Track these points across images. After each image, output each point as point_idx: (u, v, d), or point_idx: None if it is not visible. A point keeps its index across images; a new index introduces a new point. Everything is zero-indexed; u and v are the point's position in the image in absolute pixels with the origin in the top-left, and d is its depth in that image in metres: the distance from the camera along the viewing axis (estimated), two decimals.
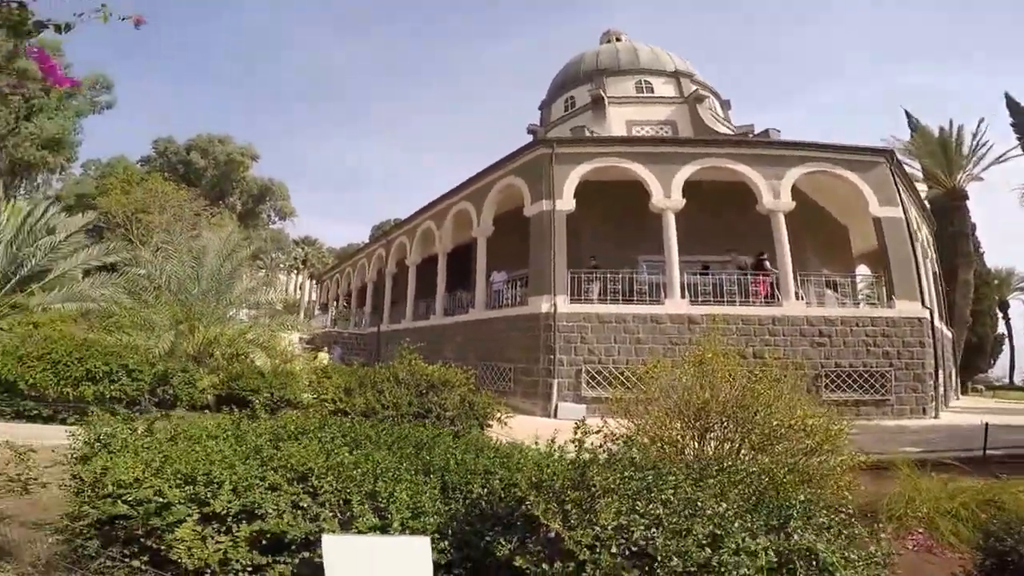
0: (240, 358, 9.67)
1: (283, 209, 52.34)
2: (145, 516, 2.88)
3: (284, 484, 3.01)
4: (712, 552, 1.86)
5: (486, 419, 8.08)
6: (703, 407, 4.37)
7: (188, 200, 29.04)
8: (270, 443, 3.72)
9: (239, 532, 2.80)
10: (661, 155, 14.74)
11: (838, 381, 12.71)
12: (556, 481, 2.41)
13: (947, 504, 4.45)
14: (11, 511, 4.08)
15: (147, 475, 3.05)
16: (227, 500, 2.86)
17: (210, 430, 4.21)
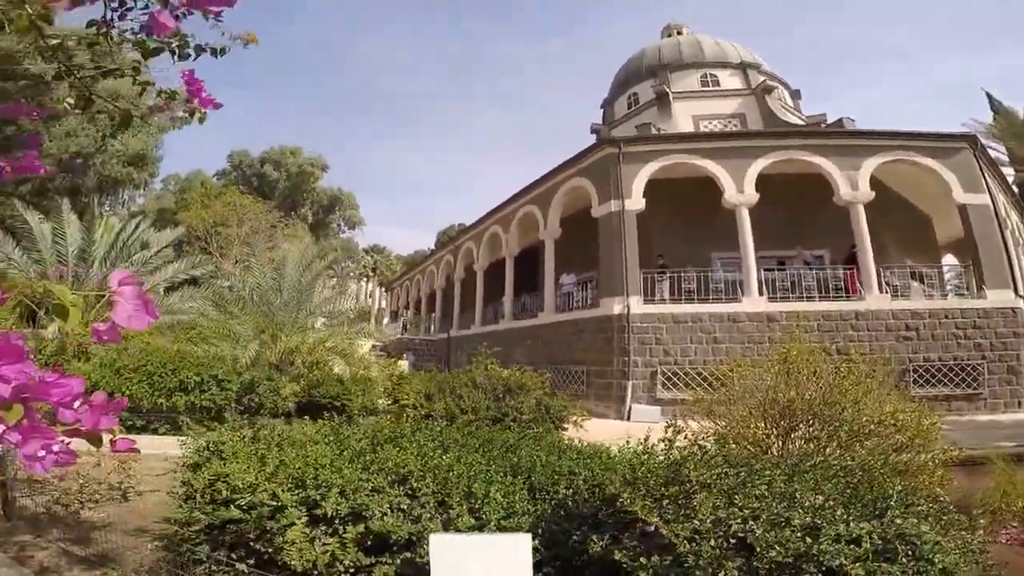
0: (319, 366, 9.92)
1: (352, 218, 53.36)
2: (258, 519, 3.00)
3: (386, 487, 3.10)
4: (812, 541, 1.95)
5: (561, 422, 8.20)
6: (788, 406, 4.35)
7: (264, 212, 29.82)
8: (369, 447, 3.86)
9: (346, 533, 2.89)
10: (732, 150, 14.46)
11: (927, 376, 12.03)
12: (651, 478, 2.54)
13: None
14: (112, 519, 4.33)
15: (261, 479, 3.18)
16: (335, 502, 2.96)
17: (311, 436, 4.48)
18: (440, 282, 27.80)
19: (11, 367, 0.66)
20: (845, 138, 14.76)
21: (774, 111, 20.91)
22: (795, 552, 1.95)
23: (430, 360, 22.63)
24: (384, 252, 60.65)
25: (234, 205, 29.67)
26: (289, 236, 28.80)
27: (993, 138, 22.04)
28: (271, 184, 45.44)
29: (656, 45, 25.69)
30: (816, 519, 2.05)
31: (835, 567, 1.96)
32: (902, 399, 4.61)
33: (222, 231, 27.90)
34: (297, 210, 46.44)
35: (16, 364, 0.67)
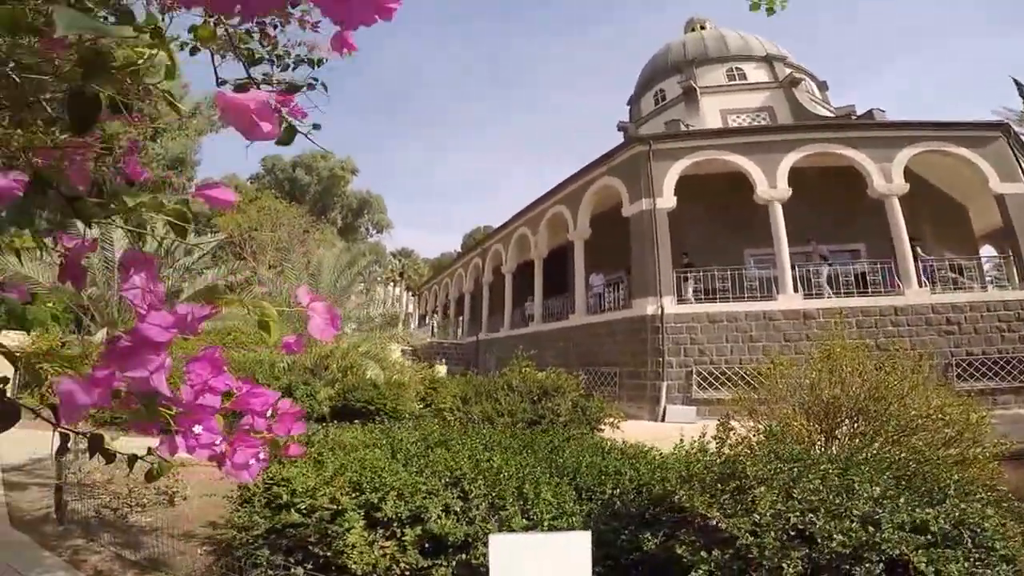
0: (354, 370, 9.98)
1: (380, 222, 53.32)
2: (319, 523, 3.07)
3: (440, 489, 3.15)
4: (874, 530, 2.01)
5: (597, 423, 8.23)
6: (832, 402, 4.36)
7: (297, 217, 29.80)
8: (421, 450, 3.97)
9: (405, 536, 2.93)
10: (762, 144, 14.24)
11: (970, 370, 11.69)
12: (707, 475, 2.62)
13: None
14: (160, 523, 4.42)
15: (320, 484, 3.25)
16: (394, 505, 3.01)
17: (363, 439, 4.57)
18: (468, 285, 27.91)
19: (219, 379, 0.74)
20: (877, 130, 14.47)
21: (802, 104, 20.57)
22: (857, 542, 2.00)
23: (459, 364, 22.72)
24: (411, 256, 60.59)
25: (268, 210, 29.80)
26: (320, 241, 29.06)
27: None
28: (303, 188, 45.48)
29: (680, 41, 25.39)
30: (876, 509, 2.10)
31: (896, 556, 2.01)
32: (948, 393, 4.56)
33: (256, 236, 27.90)
34: (327, 214, 46.35)
35: (222, 376, 0.75)
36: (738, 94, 22.20)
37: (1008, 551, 2.11)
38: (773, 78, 22.18)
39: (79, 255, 0.87)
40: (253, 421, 0.81)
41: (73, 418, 0.62)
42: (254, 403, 0.80)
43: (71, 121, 0.71)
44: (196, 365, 0.73)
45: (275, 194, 36.32)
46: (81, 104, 0.70)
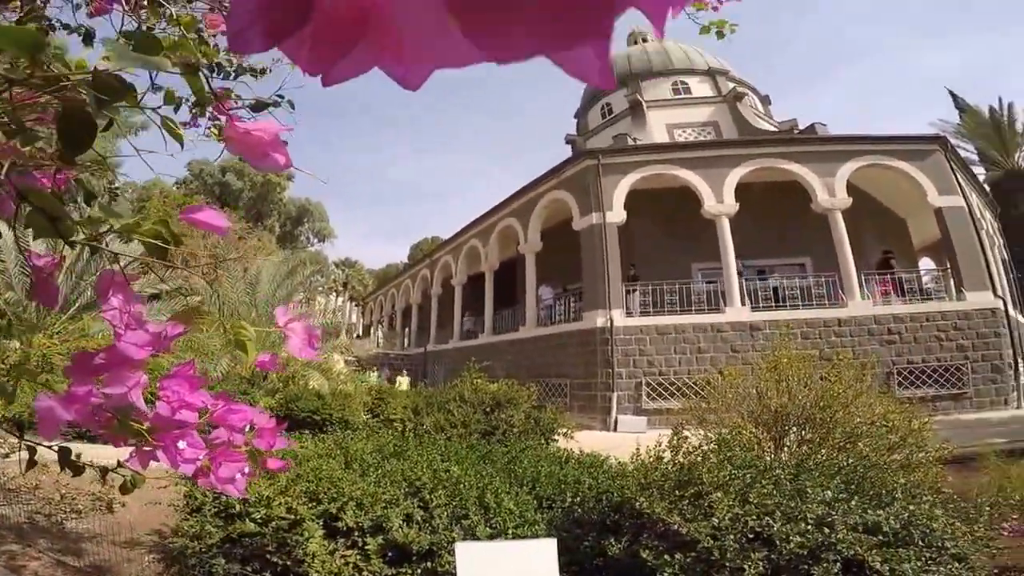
0: (295, 380, 9.84)
1: (322, 231, 51.69)
2: (276, 532, 3.04)
3: (401, 498, 3.19)
4: (829, 531, 2.04)
5: (551, 434, 8.24)
6: (780, 411, 4.48)
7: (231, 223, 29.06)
8: (377, 461, 3.92)
9: (368, 545, 2.96)
10: (709, 159, 14.57)
11: (911, 378, 12.32)
12: (664, 483, 2.60)
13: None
14: (99, 530, 4.29)
15: (274, 493, 3.20)
16: (355, 515, 3.04)
17: (316, 449, 4.45)
18: (416, 296, 27.60)
19: (196, 396, 0.75)
20: (820, 144, 15.01)
21: (746, 118, 21.09)
22: (813, 543, 2.05)
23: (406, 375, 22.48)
24: (355, 266, 59.05)
25: None
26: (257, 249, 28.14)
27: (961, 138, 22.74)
28: (235, 194, 43.46)
29: (625, 53, 25.53)
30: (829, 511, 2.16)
31: (852, 555, 2.08)
32: (891, 401, 4.74)
33: (186, 243, 27.29)
34: (264, 221, 44.73)
35: (198, 393, 0.75)
36: (684, 108, 22.63)
37: (959, 550, 2.20)
38: (717, 92, 22.68)
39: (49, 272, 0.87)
40: (231, 436, 0.82)
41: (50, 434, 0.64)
42: (232, 419, 0.81)
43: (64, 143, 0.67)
44: (171, 382, 0.74)
45: (205, 200, 35.23)
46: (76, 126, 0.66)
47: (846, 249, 13.45)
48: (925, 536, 2.15)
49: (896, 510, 2.16)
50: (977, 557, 2.42)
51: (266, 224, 44.78)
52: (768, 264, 14.96)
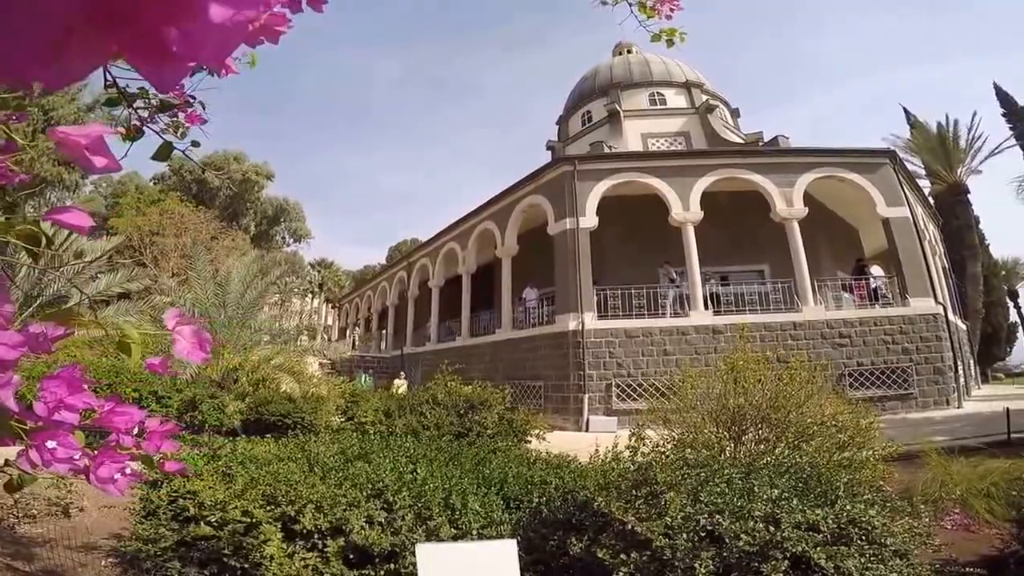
0: (266, 383, 9.67)
1: (298, 231, 50.79)
2: (232, 536, 3.00)
3: (363, 500, 3.14)
4: (775, 529, 2.17)
5: (524, 435, 8.30)
6: (738, 411, 4.64)
7: (204, 222, 28.25)
8: (340, 464, 3.87)
9: (327, 548, 2.92)
10: (678, 168, 15.06)
11: (861, 379, 12.89)
12: (621, 482, 2.73)
13: (979, 485, 4.71)
14: (53, 534, 4.20)
15: (230, 497, 3.19)
16: (313, 517, 2.99)
17: (277, 453, 4.40)
18: (393, 299, 27.43)
19: (77, 397, 0.75)
20: (780, 156, 15.64)
21: (716, 130, 21.81)
22: (761, 541, 2.16)
23: (382, 377, 22.29)
24: (332, 267, 58.23)
25: (172, 213, 28.04)
26: (230, 248, 27.47)
27: (910, 152, 23.82)
28: (212, 192, 42.71)
29: (608, 64, 26.35)
30: (775, 510, 2.27)
31: (799, 553, 2.16)
32: (841, 401, 4.98)
33: (158, 241, 26.33)
34: (239, 220, 43.83)
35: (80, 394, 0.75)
36: (658, 119, 23.31)
37: (900, 547, 2.30)
38: (691, 104, 23.44)
39: None
40: (119, 438, 0.82)
41: None
42: (117, 421, 0.81)
43: None
44: (52, 383, 0.74)
45: (181, 197, 34.05)
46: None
47: (801, 257, 14.03)
48: (866, 533, 2.24)
49: (836, 509, 2.25)
50: (920, 553, 2.54)
51: (241, 223, 43.77)
52: (730, 271, 15.44)
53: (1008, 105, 29.48)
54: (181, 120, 1.65)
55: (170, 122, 1.64)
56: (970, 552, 3.97)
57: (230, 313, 10.33)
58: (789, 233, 14.35)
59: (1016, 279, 35.80)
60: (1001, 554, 3.66)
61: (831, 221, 17.89)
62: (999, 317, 31.44)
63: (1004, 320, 32.86)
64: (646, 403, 11.44)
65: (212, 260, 18.02)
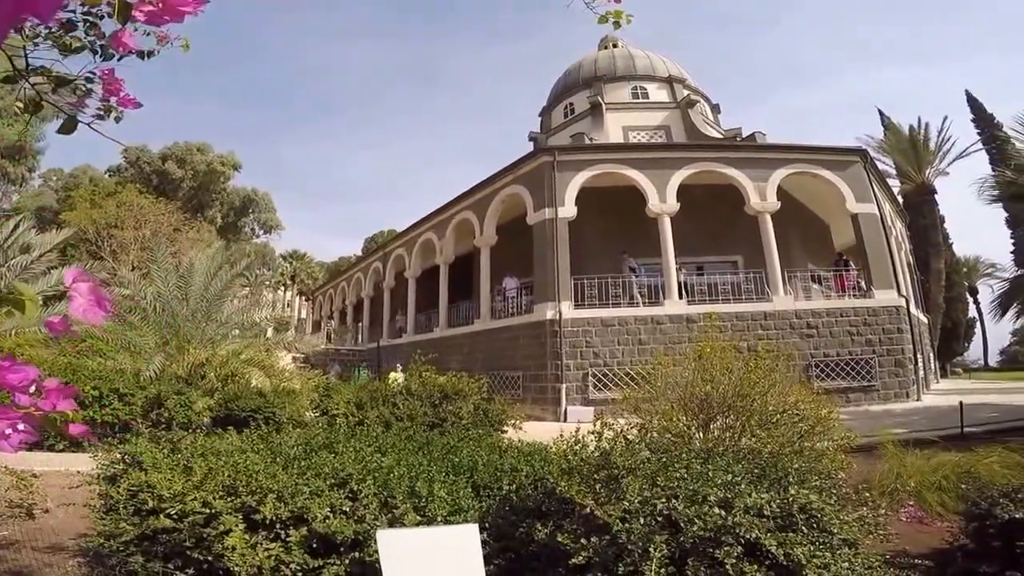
0: (235, 379, 9.51)
1: (268, 222, 49.53)
2: (192, 528, 2.98)
3: (326, 490, 3.13)
4: (727, 514, 2.20)
5: (500, 425, 8.32)
6: (705, 399, 4.70)
7: (166, 214, 27.67)
8: (303, 454, 3.82)
9: (290, 537, 2.91)
10: (656, 160, 15.23)
11: (827, 370, 13.23)
12: (584, 467, 2.75)
13: (931, 477, 4.86)
14: (18, 536, 4.13)
15: (189, 488, 3.16)
16: (274, 507, 2.97)
17: (238, 445, 4.37)
18: (368, 290, 27.16)
19: None
20: (755, 151, 15.98)
21: (696, 125, 22.09)
22: (714, 526, 2.18)
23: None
24: (304, 258, 56.54)
25: (130, 205, 27.29)
26: (195, 240, 26.86)
27: (883, 152, 24.46)
28: (174, 183, 41.44)
29: (593, 57, 26.46)
30: (728, 495, 2.31)
31: (752, 539, 2.19)
32: (805, 391, 5.07)
33: (116, 234, 25.67)
34: (204, 211, 42.73)
35: None
36: (640, 112, 23.51)
37: (849, 535, 2.34)
38: (672, 99, 23.72)
39: None
40: (14, 397, 0.81)
41: None
42: (11, 379, 0.79)
43: None
44: None
45: (140, 188, 33.02)
46: None
47: (773, 249, 14.33)
48: (815, 521, 2.27)
49: (783, 495, 2.28)
50: (872, 543, 2.59)
51: (207, 215, 42.73)
52: (704, 261, 15.67)
53: (977, 111, 30.56)
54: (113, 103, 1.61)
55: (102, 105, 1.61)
56: (922, 545, 4.08)
57: (194, 306, 10.02)
58: (762, 226, 14.62)
59: (976, 276, 37.04)
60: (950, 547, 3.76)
61: (803, 215, 18.27)
62: (959, 313, 32.60)
63: (963, 316, 34.11)
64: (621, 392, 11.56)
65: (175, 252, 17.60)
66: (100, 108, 1.62)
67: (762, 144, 16.95)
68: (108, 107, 1.62)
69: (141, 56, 1.65)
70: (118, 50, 1.39)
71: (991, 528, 3.39)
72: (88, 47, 1.62)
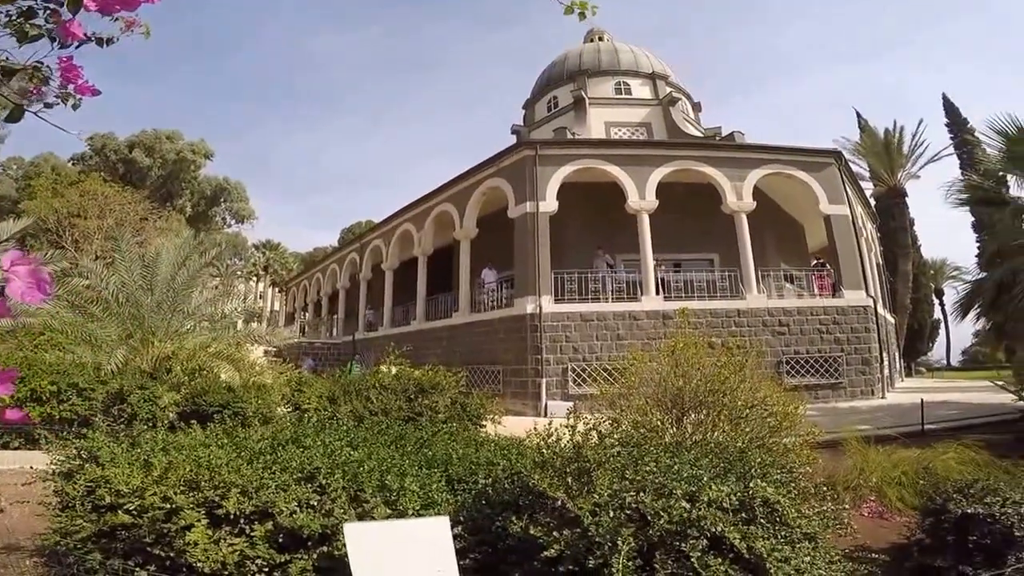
0: (203, 373, 9.23)
1: (240, 211, 48.54)
2: (152, 523, 2.93)
3: (292, 484, 3.09)
4: (691, 507, 2.24)
5: (479, 420, 8.25)
6: (678, 394, 4.77)
7: (132, 203, 27.15)
8: (269, 448, 3.76)
9: (254, 532, 2.86)
10: (636, 157, 15.31)
11: (797, 367, 13.52)
12: (557, 460, 2.78)
13: (892, 473, 5.00)
14: None
15: (148, 483, 3.10)
16: (237, 502, 2.92)
17: (201, 440, 4.18)
18: (344, 282, 26.79)
19: None
20: (734, 151, 16.20)
21: (677, 122, 22.30)
22: (680, 519, 2.21)
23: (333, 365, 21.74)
24: (278, 248, 55.63)
25: (94, 194, 26.67)
26: (163, 230, 26.34)
27: (858, 155, 24.94)
28: (141, 172, 40.60)
29: (578, 50, 26.41)
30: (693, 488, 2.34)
31: (717, 533, 2.21)
32: (775, 387, 5.15)
33: (79, 223, 25.08)
34: (174, 201, 41.97)
35: None
36: (623, 108, 23.65)
37: (810, 529, 2.39)
38: (654, 95, 23.88)
39: None
40: None
41: None
42: None
43: None
44: None
45: (104, 177, 32.34)
46: None
47: (748, 248, 14.58)
48: (776, 515, 2.31)
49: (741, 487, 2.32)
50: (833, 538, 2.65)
51: (176, 204, 41.95)
52: (681, 258, 15.85)
53: (952, 116, 31.46)
54: (71, 90, 1.60)
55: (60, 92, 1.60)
56: (882, 539, 4.18)
57: (160, 297, 9.71)
58: (738, 225, 14.84)
59: (942, 278, 38.15)
60: (908, 542, 3.87)
61: (778, 216, 18.58)
62: (924, 314, 33.73)
63: (929, 317, 35.30)
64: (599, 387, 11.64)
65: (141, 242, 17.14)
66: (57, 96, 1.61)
67: (740, 144, 17.20)
68: (66, 94, 1.62)
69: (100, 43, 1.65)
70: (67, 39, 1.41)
71: (946, 523, 3.50)
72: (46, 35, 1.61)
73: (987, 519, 3.29)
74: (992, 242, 17.54)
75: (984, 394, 11.99)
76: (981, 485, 3.61)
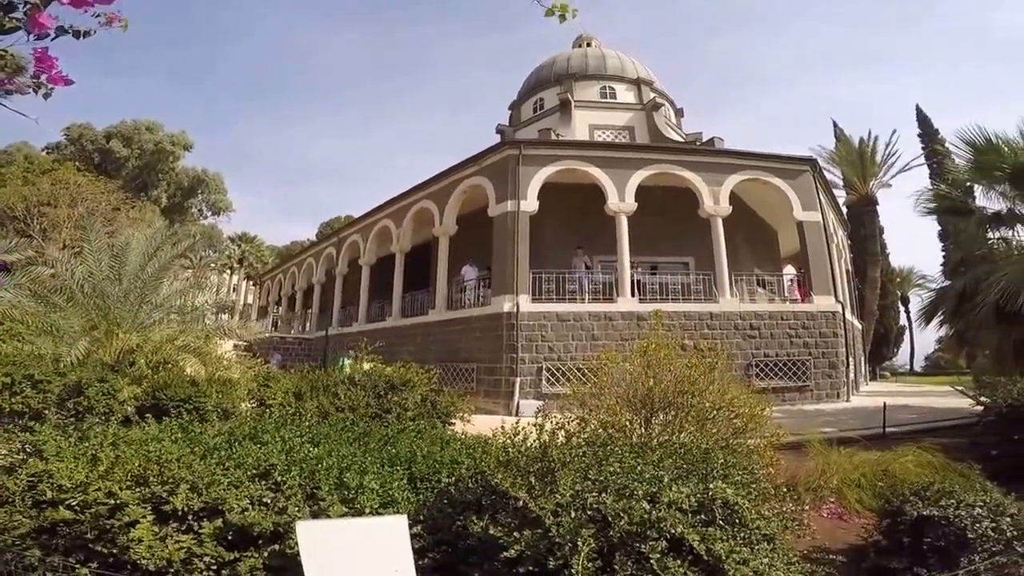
0: (167, 366, 8.90)
1: (217, 203, 47.56)
2: (95, 519, 2.87)
3: (246, 481, 3.03)
4: (652, 508, 2.22)
5: (448, 417, 8.14)
6: (648, 394, 4.77)
7: (105, 193, 26.53)
8: (225, 444, 3.71)
9: (202, 529, 2.81)
10: (617, 160, 15.40)
11: (766, 370, 13.73)
12: (521, 459, 2.73)
13: (852, 475, 5.08)
14: None
15: (93, 478, 3.03)
16: (186, 498, 2.86)
17: (154, 435, 4.09)
18: (320, 276, 26.45)
19: None
20: (712, 156, 16.37)
21: (659, 127, 22.59)
22: (640, 520, 2.18)
23: (305, 360, 21.40)
24: (254, 241, 54.73)
25: (66, 183, 26.04)
26: (135, 220, 25.61)
27: (833, 163, 25.42)
28: (117, 162, 39.71)
29: (567, 54, 26.84)
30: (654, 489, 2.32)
31: (677, 534, 2.19)
32: (743, 389, 5.21)
33: (48, 212, 24.44)
34: (148, 191, 41.08)
35: None
36: (607, 111, 23.97)
37: (768, 530, 2.39)
38: (639, 100, 24.27)
39: None
40: None
41: None
42: None
43: None
44: None
45: (79, 167, 31.60)
46: None
47: (722, 252, 14.77)
48: (732, 516, 2.30)
49: (701, 488, 2.31)
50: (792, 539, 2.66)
51: (151, 195, 40.96)
52: (658, 260, 15.99)
53: (925, 127, 32.34)
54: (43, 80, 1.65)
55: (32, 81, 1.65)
56: (841, 540, 4.23)
57: (127, 287, 9.39)
58: (713, 229, 15.01)
59: (909, 286, 39.20)
60: (865, 543, 3.92)
61: (752, 221, 18.86)
62: (890, 320, 34.72)
63: (894, 323, 36.42)
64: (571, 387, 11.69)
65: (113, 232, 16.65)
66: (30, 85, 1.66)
67: (718, 149, 17.43)
68: (38, 84, 1.66)
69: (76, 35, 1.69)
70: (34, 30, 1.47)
71: (902, 524, 3.56)
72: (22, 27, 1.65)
73: (942, 521, 3.35)
74: (957, 251, 18.04)
75: (945, 399, 12.33)
76: (937, 488, 3.68)
